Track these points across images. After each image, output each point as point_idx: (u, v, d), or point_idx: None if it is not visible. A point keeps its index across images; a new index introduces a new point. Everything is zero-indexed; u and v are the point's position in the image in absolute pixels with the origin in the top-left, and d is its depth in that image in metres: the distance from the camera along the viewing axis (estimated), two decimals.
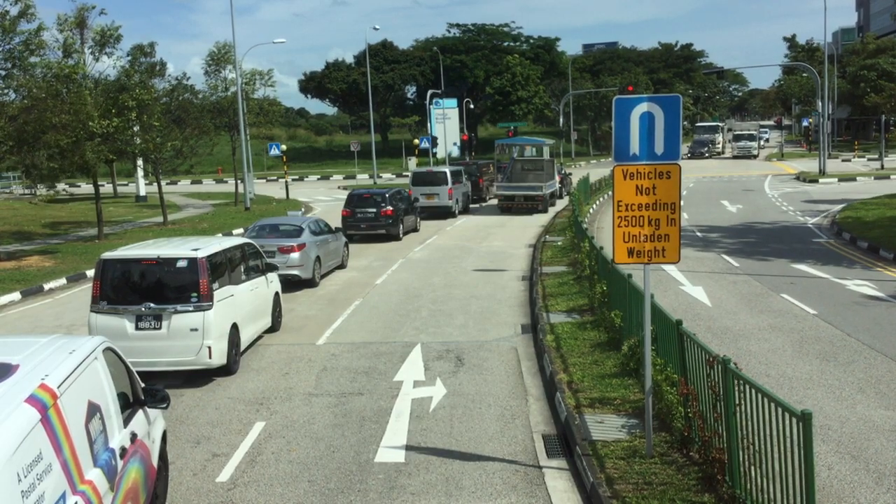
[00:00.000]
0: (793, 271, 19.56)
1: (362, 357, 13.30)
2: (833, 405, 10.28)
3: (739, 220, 30.16)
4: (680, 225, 8.27)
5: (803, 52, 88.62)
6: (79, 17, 36.62)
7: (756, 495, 6.84)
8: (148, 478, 7.19)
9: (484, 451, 9.28)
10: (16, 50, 25.26)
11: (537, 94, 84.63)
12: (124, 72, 31.36)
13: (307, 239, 19.52)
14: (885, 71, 74.51)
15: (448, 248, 25.66)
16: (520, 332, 14.66)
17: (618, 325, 12.36)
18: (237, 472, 8.94)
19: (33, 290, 20.19)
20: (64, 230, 32.88)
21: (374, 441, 9.64)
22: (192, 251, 12.09)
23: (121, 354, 7.21)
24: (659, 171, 8.13)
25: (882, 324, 14.20)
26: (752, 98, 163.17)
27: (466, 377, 12.03)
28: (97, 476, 5.81)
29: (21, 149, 25.16)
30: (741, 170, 58.71)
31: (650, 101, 8.11)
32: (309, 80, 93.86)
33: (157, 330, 11.79)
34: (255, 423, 10.39)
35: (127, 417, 6.87)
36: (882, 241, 22.40)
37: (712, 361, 7.46)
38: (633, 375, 10.94)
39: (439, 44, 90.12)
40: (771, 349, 12.92)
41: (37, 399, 5.20)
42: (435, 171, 35.77)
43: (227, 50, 44.03)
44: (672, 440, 8.75)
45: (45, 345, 6.22)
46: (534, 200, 35.26)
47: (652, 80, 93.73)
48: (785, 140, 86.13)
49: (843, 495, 7.84)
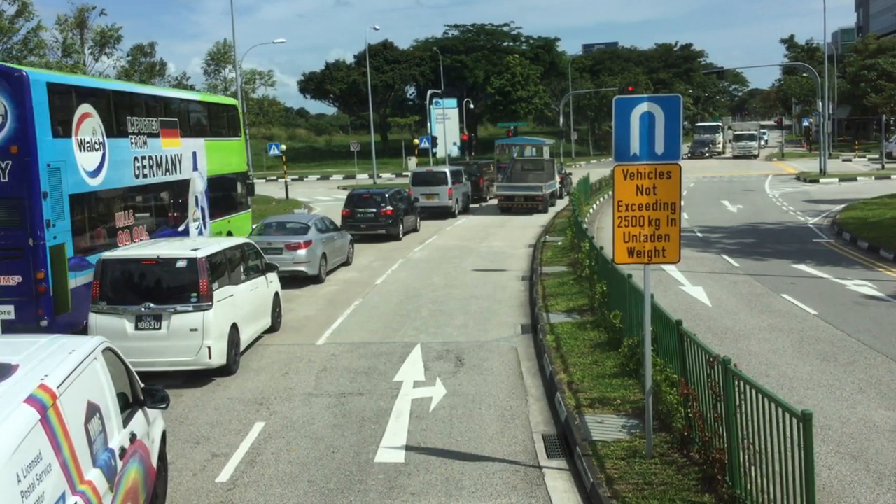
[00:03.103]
0: (793, 271, 19.55)
1: (362, 357, 13.29)
2: (833, 405, 10.27)
3: (740, 221, 30.15)
4: (680, 225, 8.27)
5: (803, 52, 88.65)
6: (79, 17, 36.71)
7: (756, 496, 6.83)
8: (147, 478, 7.19)
9: (484, 451, 9.28)
10: (14, 49, 25.30)
11: (537, 94, 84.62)
12: (124, 72, 31.40)
13: (313, 236, 19.86)
14: (885, 71, 74.46)
15: (448, 248, 25.65)
16: (520, 333, 14.66)
17: (618, 325, 12.36)
18: (237, 472, 8.94)
19: None
20: None
21: (373, 441, 9.63)
22: (191, 251, 12.10)
23: (120, 354, 7.21)
24: (659, 170, 8.12)
25: (882, 324, 14.19)
26: (752, 98, 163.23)
27: (466, 377, 12.03)
28: (97, 476, 5.80)
29: None
30: (741, 170, 58.71)
31: (650, 101, 8.11)
32: (308, 80, 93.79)
33: (156, 330, 11.79)
34: (254, 423, 10.38)
35: (126, 418, 6.87)
36: (882, 241, 22.39)
37: (712, 361, 7.46)
38: (633, 376, 10.94)
39: (439, 44, 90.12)
40: (771, 349, 12.91)
41: (36, 399, 5.19)
42: (435, 171, 35.76)
43: (227, 50, 44.16)
44: (672, 440, 8.74)
45: (45, 345, 6.22)
46: (534, 200, 35.25)
47: (652, 80, 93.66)
48: (785, 140, 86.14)
49: (843, 495, 7.83)
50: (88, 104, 15.10)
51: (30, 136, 13.12)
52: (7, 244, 13.12)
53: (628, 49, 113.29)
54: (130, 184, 16.43)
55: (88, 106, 15.06)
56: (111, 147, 15.62)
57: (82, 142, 14.66)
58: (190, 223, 19.26)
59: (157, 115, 18.05)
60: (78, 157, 14.42)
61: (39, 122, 13.30)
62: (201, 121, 21.15)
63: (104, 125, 15.47)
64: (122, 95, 17.34)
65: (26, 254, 13.12)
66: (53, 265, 13.27)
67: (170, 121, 18.62)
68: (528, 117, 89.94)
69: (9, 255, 13.13)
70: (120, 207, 15.95)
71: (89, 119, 15.03)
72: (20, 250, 13.11)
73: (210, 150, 20.62)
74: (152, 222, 17.40)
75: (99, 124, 15.31)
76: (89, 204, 14.86)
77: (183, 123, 19.46)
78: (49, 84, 13.88)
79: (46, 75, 15.05)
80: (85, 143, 14.74)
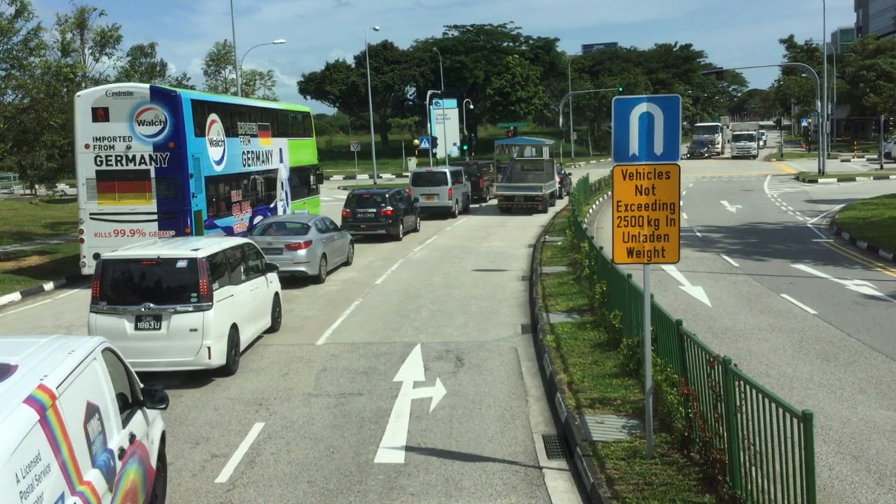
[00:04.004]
0: (792, 271, 19.56)
1: (362, 357, 13.28)
2: (834, 405, 10.27)
3: (739, 221, 30.16)
4: (679, 225, 8.27)
5: (802, 52, 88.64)
6: (79, 17, 36.67)
7: (757, 496, 6.82)
8: (147, 479, 7.17)
9: (484, 451, 9.27)
10: (14, 50, 25.27)
11: (537, 94, 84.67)
12: (124, 72, 31.39)
13: (314, 236, 19.90)
14: (885, 71, 74.53)
15: (448, 248, 25.65)
16: (520, 333, 14.65)
17: (618, 325, 12.35)
18: (236, 472, 8.93)
19: (33, 290, 20.17)
20: (64, 230, 32.85)
21: (373, 442, 9.63)
22: (191, 251, 12.09)
23: (120, 355, 7.19)
24: (658, 171, 8.12)
25: (882, 324, 14.19)
26: (751, 98, 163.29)
27: (466, 377, 12.02)
28: (96, 477, 5.79)
29: (20, 149, 25.14)
30: (740, 170, 58.73)
31: (649, 101, 8.11)
32: (308, 80, 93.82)
33: (156, 330, 11.78)
34: (254, 423, 10.37)
35: (126, 418, 6.85)
36: (882, 241, 22.40)
37: (713, 361, 7.45)
38: (633, 376, 10.93)
39: (439, 44, 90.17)
40: (771, 349, 12.91)
41: (35, 400, 5.18)
42: (435, 171, 35.79)
43: (228, 50, 44.13)
44: (672, 441, 8.74)
45: (45, 345, 6.20)
46: (533, 200, 35.27)
47: (651, 80, 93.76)
48: (784, 140, 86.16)
49: (843, 496, 7.83)
50: (215, 113, 21.41)
51: (181, 136, 19.57)
52: (167, 209, 19.68)
53: (628, 49, 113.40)
54: (240, 171, 22.82)
55: (215, 115, 21.41)
56: (229, 144, 22.07)
57: (212, 140, 21.07)
58: (277, 203, 25.54)
59: (256, 120, 24.42)
60: (209, 150, 20.92)
61: (187, 126, 19.70)
62: (285, 125, 27.24)
63: (224, 128, 21.78)
64: (235, 107, 23.99)
65: (178, 216, 19.59)
66: (195, 224, 19.65)
67: (264, 125, 24.90)
68: (528, 118, 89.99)
69: (168, 216, 19.65)
70: (234, 187, 22.42)
71: (216, 124, 21.43)
72: (175, 213, 19.64)
73: (291, 147, 27.03)
74: (253, 199, 23.66)
75: (221, 127, 21.63)
76: (216, 184, 21.23)
77: (272, 127, 25.61)
78: (192, 100, 20.51)
79: (190, 94, 22.01)
80: (213, 141, 21.14)
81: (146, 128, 19.77)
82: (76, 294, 19.86)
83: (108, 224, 20.01)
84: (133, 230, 19.83)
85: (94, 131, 20.02)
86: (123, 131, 19.83)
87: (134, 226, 19.87)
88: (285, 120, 27.66)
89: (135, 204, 19.84)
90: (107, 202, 20.02)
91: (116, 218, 19.99)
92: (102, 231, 20.03)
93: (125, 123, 19.79)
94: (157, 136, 19.72)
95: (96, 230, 20.09)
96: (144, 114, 19.67)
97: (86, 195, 20.16)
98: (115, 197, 19.92)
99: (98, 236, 19.97)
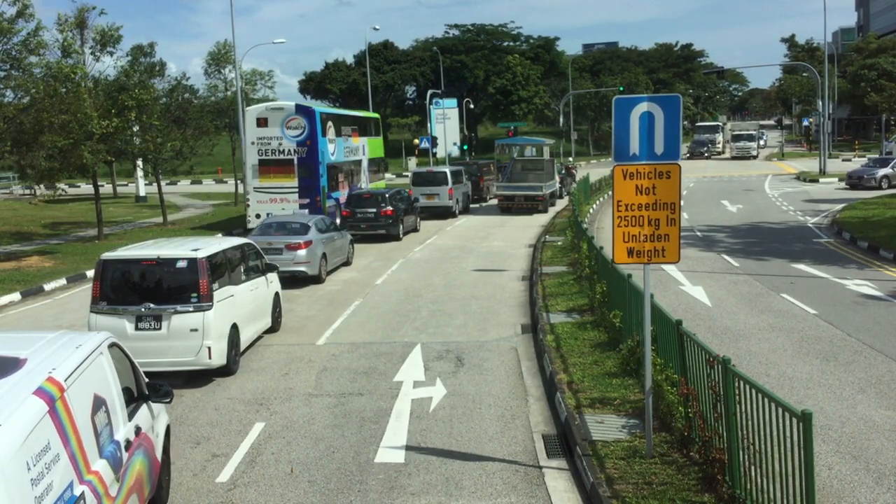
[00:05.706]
0: (793, 271, 19.56)
1: (362, 357, 13.29)
2: (833, 405, 10.27)
3: (739, 220, 30.16)
4: (680, 225, 8.27)
5: (803, 51, 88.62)
6: (79, 17, 36.66)
7: (756, 495, 6.83)
8: (152, 470, 7.32)
9: (484, 451, 9.28)
10: (14, 50, 25.27)
11: (537, 93, 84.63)
12: (124, 72, 31.40)
13: (314, 236, 19.91)
14: (886, 70, 74.48)
15: (448, 248, 25.66)
16: (520, 332, 14.66)
17: (618, 325, 12.36)
18: (237, 472, 8.94)
19: (33, 290, 20.19)
20: (64, 230, 32.87)
21: (373, 441, 9.64)
22: (191, 251, 12.09)
23: (126, 350, 7.37)
24: (659, 170, 8.12)
25: (882, 323, 14.20)
26: (752, 98, 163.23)
27: (466, 377, 12.03)
28: (103, 467, 5.94)
29: (19, 149, 25.12)
30: (741, 170, 58.73)
31: (650, 100, 8.11)
32: (309, 80, 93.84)
33: (156, 330, 11.79)
34: (254, 423, 10.38)
35: (132, 411, 7.01)
36: (882, 240, 22.40)
37: (712, 361, 7.46)
38: (633, 375, 10.94)
39: (439, 44, 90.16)
40: (771, 349, 12.91)
41: (44, 391, 5.33)
42: (435, 171, 35.82)
43: (228, 50, 44.08)
44: (672, 440, 8.75)
45: (52, 340, 6.37)
46: (534, 200, 35.28)
47: (652, 79, 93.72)
48: (785, 140, 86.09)
49: (843, 495, 7.83)
50: (331, 121, 30.26)
51: (315, 136, 28.24)
52: (304, 185, 28.09)
53: (628, 49, 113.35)
54: (343, 160, 31.40)
55: (331, 122, 30.20)
56: (338, 142, 30.56)
57: (329, 139, 29.51)
58: (361, 183, 33.68)
59: (351, 125, 33.35)
60: (328, 146, 29.35)
61: (319, 130, 28.39)
62: (365, 127, 35.61)
63: (335, 130, 30.30)
64: (341, 116, 33.59)
65: (311, 190, 28.11)
66: (322, 195, 28.12)
67: (354, 128, 33.67)
68: (528, 117, 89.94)
69: (305, 190, 28.08)
70: (340, 171, 30.79)
71: (331, 128, 29.98)
72: (310, 188, 28.10)
73: (369, 144, 35.58)
74: (349, 181, 31.89)
75: (334, 130, 30.21)
76: (332, 169, 29.56)
77: (359, 129, 34.23)
78: (320, 112, 29.60)
79: (321, 108, 31.78)
80: (329, 140, 29.56)
81: (292, 131, 28.24)
82: (76, 294, 19.88)
83: (265, 195, 28.37)
84: (282, 198, 28.12)
85: (257, 133, 28.49)
86: (277, 133, 28.29)
87: (282, 195, 28.21)
88: (366, 124, 36.03)
89: (283, 181, 28.30)
90: (265, 180, 28.51)
91: (271, 191, 28.38)
92: (262, 199, 28.42)
93: (278, 128, 28.27)
94: (299, 136, 28.23)
95: (258, 199, 28.55)
96: (291, 122, 28.24)
97: (251, 175, 28.78)
98: (270, 176, 28.41)
99: (259, 203, 28.42)
